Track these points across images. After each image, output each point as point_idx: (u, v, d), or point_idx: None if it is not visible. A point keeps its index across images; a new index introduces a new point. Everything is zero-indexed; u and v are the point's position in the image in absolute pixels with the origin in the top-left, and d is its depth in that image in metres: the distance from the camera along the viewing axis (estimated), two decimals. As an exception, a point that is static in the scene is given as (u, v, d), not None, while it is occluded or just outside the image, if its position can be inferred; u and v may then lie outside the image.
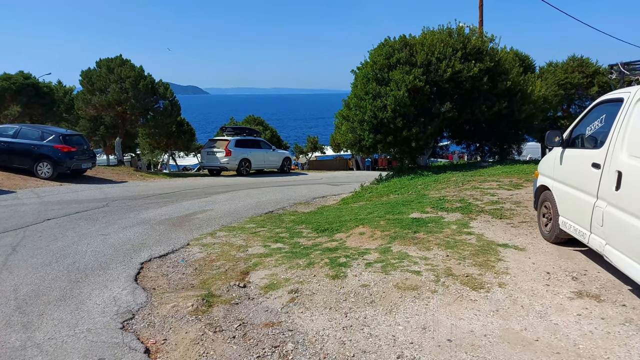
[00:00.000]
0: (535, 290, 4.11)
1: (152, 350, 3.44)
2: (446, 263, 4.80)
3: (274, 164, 20.55)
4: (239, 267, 5.28)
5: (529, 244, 5.33)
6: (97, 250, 6.06)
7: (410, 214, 7.02)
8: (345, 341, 3.45)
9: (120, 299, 4.39)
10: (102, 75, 19.10)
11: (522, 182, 8.57)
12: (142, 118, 20.38)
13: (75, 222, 7.77)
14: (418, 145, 12.00)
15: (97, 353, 3.36)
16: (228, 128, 21.10)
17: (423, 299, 4.04)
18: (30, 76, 22.62)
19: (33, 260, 5.57)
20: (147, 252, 5.96)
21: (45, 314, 4.03)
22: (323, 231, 6.79)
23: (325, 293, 4.31)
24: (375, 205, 8.41)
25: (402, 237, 5.80)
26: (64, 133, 14.33)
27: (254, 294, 4.46)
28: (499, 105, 12.37)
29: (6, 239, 6.55)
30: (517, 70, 13.49)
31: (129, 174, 17.39)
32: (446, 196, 7.99)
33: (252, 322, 3.86)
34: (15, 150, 13.48)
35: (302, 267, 5.06)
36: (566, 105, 23.06)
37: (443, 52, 12.14)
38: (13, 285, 4.71)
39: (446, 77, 11.86)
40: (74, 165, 14.02)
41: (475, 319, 3.66)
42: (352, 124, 12.27)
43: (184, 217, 8.36)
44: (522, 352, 3.17)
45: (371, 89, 11.92)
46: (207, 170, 20.39)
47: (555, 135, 5.19)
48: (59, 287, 4.70)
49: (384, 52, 12.44)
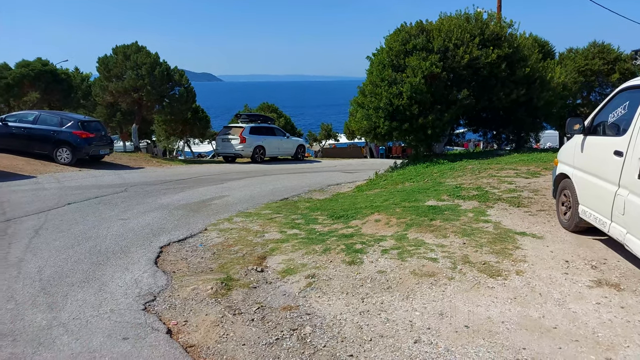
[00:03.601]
0: (554, 278, 4.09)
1: (173, 331, 3.53)
2: (463, 250, 4.80)
3: (288, 151, 20.59)
4: (256, 252, 5.35)
5: (547, 232, 5.28)
6: (117, 234, 6.19)
7: (426, 201, 7.00)
8: (363, 326, 3.49)
9: (142, 281, 4.49)
10: (119, 62, 19.25)
11: (540, 171, 8.46)
12: (158, 105, 20.54)
13: (95, 207, 7.92)
14: (434, 132, 11.89)
15: (121, 333, 3.45)
16: (243, 115, 21.15)
17: (440, 286, 4.05)
18: (48, 63, 22.88)
19: (56, 243, 5.72)
20: (166, 237, 6.06)
21: (69, 295, 4.15)
22: (338, 218, 6.82)
23: (342, 278, 4.35)
24: (391, 192, 8.40)
25: (418, 224, 5.79)
26: (82, 119, 14.53)
27: (272, 278, 4.53)
28: (517, 92, 12.17)
29: (29, 222, 6.71)
30: (536, 57, 13.22)
31: (145, 160, 17.61)
32: (462, 184, 7.94)
33: (271, 305, 3.92)
34: (35, 136, 13.72)
35: (318, 252, 5.10)
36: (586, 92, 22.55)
37: (460, 38, 11.95)
38: (37, 267, 4.84)
39: (463, 63, 11.68)
40: (92, 151, 14.24)
41: (493, 306, 3.67)
42: (367, 111, 12.19)
43: (201, 203, 8.47)
44: (540, 339, 3.17)
45: (387, 76, 11.81)
46: (222, 157, 20.53)
47: (576, 123, 5.11)
48: (81, 269, 4.82)
49: (400, 38, 12.28)
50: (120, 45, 19.83)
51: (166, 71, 19.69)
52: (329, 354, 3.15)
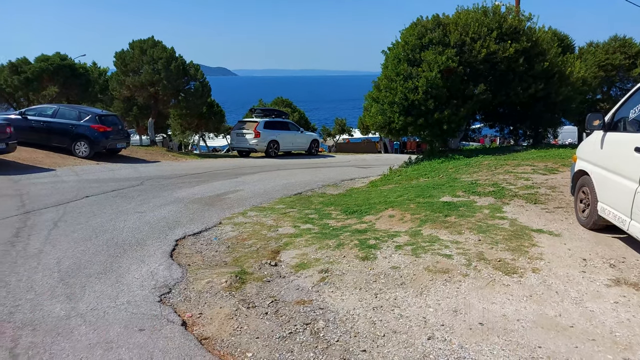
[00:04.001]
0: (571, 277, 4.03)
1: (188, 324, 3.57)
2: (478, 247, 4.75)
3: (302, 146, 20.60)
4: (270, 246, 5.38)
5: (565, 229, 5.20)
6: (133, 226, 6.27)
7: (441, 197, 6.95)
8: (376, 321, 3.49)
9: (158, 273, 4.55)
10: (135, 56, 19.43)
11: (557, 167, 8.32)
12: (174, 99, 20.70)
13: (112, 200, 8.04)
14: (450, 127, 11.78)
15: (138, 324, 3.51)
16: (257, 109, 21.21)
17: (454, 282, 4.02)
18: (67, 57, 23.20)
19: (74, 235, 5.82)
20: (182, 230, 6.13)
21: (87, 286, 4.23)
22: (352, 213, 6.82)
23: (355, 274, 4.35)
24: (405, 188, 8.35)
25: (432, 220, 5.76)
26: (100, 113, 14.72)
27: (285, 272, 4.55)
28: (535, 87, 11.97)
29: (48, 214, 6.85)
30: (555, 51, 12.97)
31: (161, 154, 17.80)
32: (478, 180, 7.86)
33: (284, 299, 3.94)
34: (54, 130, 13.96)
35: (331, 247, 5.11)
36: (606, 87, 22.08)
37: (478, 32, 11.78)
38: (56, 258, 4.94)
39: (480, 57, 11.53)
40: (110, 144, 14.44)
41: (508, 303, 3.63)
42: (382, 106, 12.13)
43: (216, 197, 8.53)
44: (556, 338, 3.13)
45: (402, 70, 11.72)
46: (236, 152, 20.64)
47: (596, 119, 5.00)
48: (99, 261, 4.90)
49: (416, 32, 12.16)
50: (137, 40, 20.00)
51: (182, 66, 19.83)
52: (342, 349, 3.15)
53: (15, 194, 8.26)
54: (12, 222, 6.35)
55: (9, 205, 7.32)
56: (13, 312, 3.67)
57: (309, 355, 3.09)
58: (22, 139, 13.03)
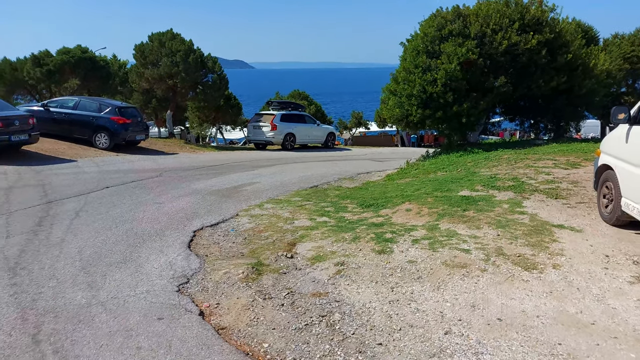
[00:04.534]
0: (593, 273, 3.94)
1: (206, 313, 3.61)
2: (497, 242, 4.69)
3: (318, 139, 20.58)
4: (286, 239, 5.40)
5: (587, 225, 5.09)
6: (152, 217, 6.36)
7: (459, 191, 6.86)
8: (392, 315, 3.48)
9: (176, 264, 4.61)
10: (154, 49, 19.60)
11: (580, 161, 8.14)
12: (192, 91, 20.85)
13: (131, 191, 8.16)
14: (469, 121, 11.60)
15: (156, 313, 3.56)
16: (274, 102, 21.23)
17: (472, 277, 3.98)
18: (88, 50, 23.53)
19: (95, 224, 5.93)
20: (199, 221, 6.19)
21: (107, 275, 4.31)
22: (368, 206, 6.78)
23: (372, 267, 4.34)
24: (422, 182, 8.28)
25: (450, 214, 5.69)
26: (120, 105, 14.92)
27: (301, 264, 4.56)
28: (557, 79, 11.69)
29: (70, 204, 6.99)
30: (579, 43, 12.64)
31: (179, 146, 17.98)
32: (498, 174, 7.73)
33: (300, 291, 3.96)
34: (75, 121, 14.21)
35: (347, 240, 5.10)
36: (631, 80, 21.47)
37: (499, 23, 11.54)
38: (78, 247, 5.04)
39: (501, 49, 11.30)
40: (129, 136, 14.63)
41: (528, 299, 3.58)
42: (400, 99, 12.00)
43: (233, 189, 8.59)
44: (576, 335, 3.08)
45: (421, 62, 11.57)
46: (253, 144, 20.72)
47: (622, 112, 4.87)
48: (119, 250, 4.98)
49: (436, 24, 11.98)
50: (156, 33, 20.16)
51: (200, 58, 19.93)
52: (358, 342, 3.15)
53: (38, 184, 8.44)
54: (35, 211, 6.50)
55: (32, 195, 7.49)
56: (36, 299, 3.77)
57: (325, 347, 3.10)
58: (44, 130, 13.30)
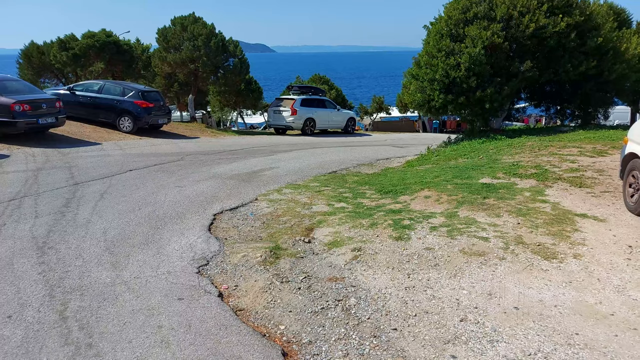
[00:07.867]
0: (615, 264, 3.87)
1: (224, 295, 3.70)
2: (517, 231, 4.63)
3: (338, 124, 20.49)
4: (303, 224, 5.44)
5: (611, 215, 4.98)
6: (174, 200, 6.49)
7: (480, 179, 6.78)
8: (408, 301, 3.50)
9: (196, 246, 4.71)
10: (177, 33, 19.72)
11: (607, 149, 7.92)
12: (213, 76, 20.96)
13: (154, 174, 8.32)
14: (492, 107, 11.36)
15: (177, 293, 3.67)
16: (294, 87, 21.17)
17: (490, 266, 3.95)
18: (112, 34, 23.82)
19: (119, 206, 6.09)
20: (219, 205, 6.29)
21: (131, 255, 4.44)
22: (387, 193, 6.77)
23: (388, 253, 4.35)
24: (443, 168, 8.19)
25: (470, 202, 5.64)
26: (143, 89, 15.11)
27: (318, 249, 4.60)
28: (586, 64, 11.30)
29: (95, 186, 7.18)
30: (611, 26, 12.16)
31: (200, 130, 18.18)
32: (520, 162, 7.60)
33: (317, 275, 4.01)
34: (100, 105, 14.49)
35: (365, 227, 5.11)
36: (666, 65, 20.59)
37: (526, 5, 11.19)
38: (102, 229, 5.20)
39: (528, 33, 10.97)
40: (152, 120, 14.85)
41: (546, 288, 3.54)
42: (422, 84, 11.82)
43: (252, 174, 8.67)
44: (595, 326, 3.04)
45: (444, 46, 11.34)
46: (273, 129, 20.78)
47: (652, 98, 4.70)
48: (141, 232, 5.12)
49: (461, 6, 11.69)
50: (178, 17, 20.26)
51: (221, 42, 19.97)
52: (373, 326, 3.19)
53: (65, 166, 8.69)
54: (62, 192, 6.70)
55: (60, 177, 7.72)
56: (63, 278, 3.92)
57: (340, 331, 3.14)
58: (70, 113, 13.59)
